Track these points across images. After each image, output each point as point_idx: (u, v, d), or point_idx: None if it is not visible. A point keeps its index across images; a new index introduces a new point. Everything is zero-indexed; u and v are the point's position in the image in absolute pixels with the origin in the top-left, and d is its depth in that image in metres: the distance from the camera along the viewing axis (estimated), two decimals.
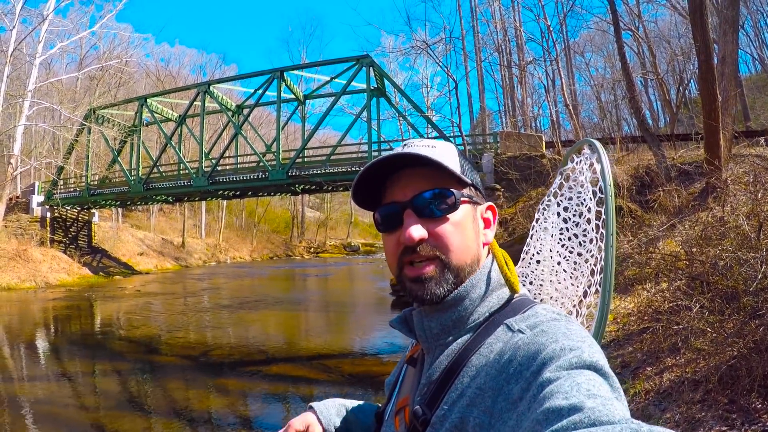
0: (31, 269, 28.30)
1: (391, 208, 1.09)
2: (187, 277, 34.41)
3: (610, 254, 1.62)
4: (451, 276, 1.04)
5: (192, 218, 55.58)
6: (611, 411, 0.67)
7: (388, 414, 1.20)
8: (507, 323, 1.00)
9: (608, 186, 1.70)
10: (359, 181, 1.10)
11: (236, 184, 29.53)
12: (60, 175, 34.65)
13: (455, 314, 1.06)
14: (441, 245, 1.04)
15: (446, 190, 1.06)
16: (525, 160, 20.51)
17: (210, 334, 14.40)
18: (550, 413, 0.71)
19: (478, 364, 0.96)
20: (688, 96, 31.89)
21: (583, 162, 1.96)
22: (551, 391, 0.75)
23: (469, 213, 1.09)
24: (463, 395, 0.94)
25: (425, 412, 1.00)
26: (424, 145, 1.10)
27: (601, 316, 1.60)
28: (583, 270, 1.81)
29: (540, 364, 0.83)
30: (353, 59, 27.26)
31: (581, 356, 0.81)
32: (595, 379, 0.77)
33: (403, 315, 1.18)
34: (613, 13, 16.24)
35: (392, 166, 1.09)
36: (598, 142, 1.84)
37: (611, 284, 1.62)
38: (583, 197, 1.89)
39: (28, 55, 31.03)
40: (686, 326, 5.28)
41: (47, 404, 8.29)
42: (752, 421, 3.91)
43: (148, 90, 49.23)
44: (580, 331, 0.92)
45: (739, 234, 6.09)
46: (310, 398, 8.87)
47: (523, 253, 2.20)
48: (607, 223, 1.67)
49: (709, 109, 10.36)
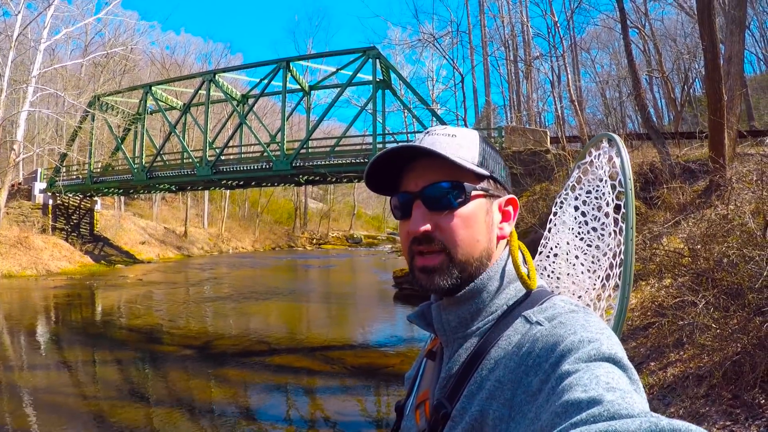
0: (33, 257, 28.29)
1: (403, 197, 1.09)
2: (189, 266, 34.45)
3: (629, 247, 1.63)
4: (455, 270, 1.04)
5: (195, 208, 55.51)
6: (630, 404, 0.67)
7: (408, 408, 1.20)
8: (525, 315, 1.00)
9: (628, 179, 1.71)
10: (372, 171, 1.11)
11: (240, 174, 29.38)
12: (63, 162, 34.53)
13: (473, 307, 1.06)
14: (447, 238, 1.04)
15: (456, 183, 1.05)
16: (529, 155, 20.41)
17: (211, 324, 14.44)
18: (569, 406, 0.71)
19: (496, 357, 0.97)
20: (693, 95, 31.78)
21: (601, 156, 1.98)
22: (570, 383, 0.75)
23: (482, 206, 1.08)
24: (482, 388, 0.95)
25: (446, 406, 1.00)
26: (445, 134, 1.09)
27: (620, 309, 1.62)
28: (602, 263, 1.83)
29: (559, 356, 0.83)
30: (360, 51, 27.13)
31: (600, 348, 0.81)
32: (614, 372, 0.77)
33: (421, 309, 1.17)
34: (621, 11, 16.17)
35: (407, 155, 1.09)
36: (617, 135, 1.86)
37: (631, 277, 1.64)
38: (602, 190, 1.90)
39: (32, 40, 30.78)
40: (691, 322, 5.31)
41: (48, 393, 8.31)
42: (756, 416, 3.94)
43: (153, 78, 49.10)
44: (598, 323, 0.92)
45: (744, 231, 6.11)
46: (312, 390, 8.93)
47: (541, 247, 2.20)
48: (627, 216, 1.68)
49: (714, 107, 10.35)
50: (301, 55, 33.71)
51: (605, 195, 1.85)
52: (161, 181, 32.13)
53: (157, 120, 44.93)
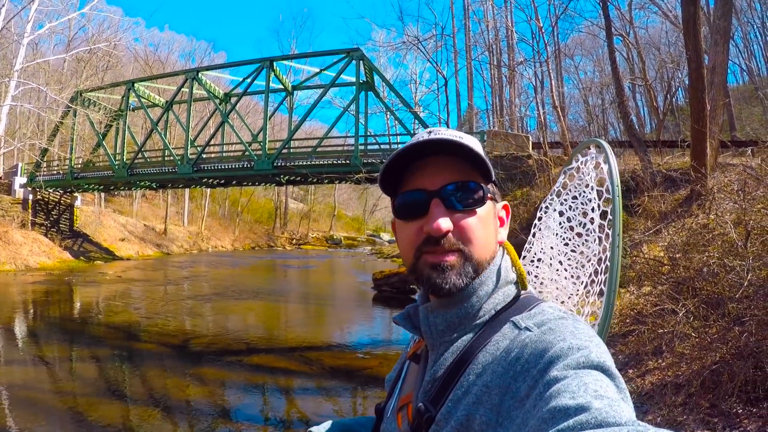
0: (12, 252, 28.00)
1: (416, 195, 1.05)
2: (169, 264, 34.27)
3: (616, 254, 1.63)
4: (471, 269, 1.02)
5: (175, 205, 55.29)
6: (618, 412, 0.67)
7: (389, 410, 1.19)
8: (514, 320, 1.00)
9: (616, 186, 1.70)
10: (392, 164, 1.07)
11: (221, 173, 29.38)
12: (44, 157, 34.12)
13: (462, 311, 1.05)
14: (465, 238, 1.02)
15: (476, 183, 1.05)
16: (511, 159, 20.52)
17: (190, 323, 14.35)
18: (556, 412, 0.71)
19: (484, 362, 0.96)
20: (675, 103, 32.12)
21: (588, 162, 1.96)
22: (558, 389, 0.75)
23: (491, 209, 1.09)
24: (468, 393, 0.94)
25: (430, 410, 0.99)
26: (452, 135, 1.05)
27: (605, 314, 1.61)
28: (586, 269, 1.82)
29: (547, 362, 0.83)
30: (343, 52, 27.22)
31: (589, 356, 0.81)
32: (603, 380, 0.76)
33: (407, 311, 1.16)
34: (606, 18, 16.33)
35: (420, 152, 1.06)
36: (605, 142, 1.84)
37: (617, 283, 1.63)
38: (589, 196, 1.89)
39: (15, 34, 30.70)
40: (671, 330, 5.33)
41: (24, 389, 8.21)
42: (733, 426, 3.96)
43: (136, 74, 48.75)
44: (587, 330, 0.92)
45: (725, 241, 6.15)
46: (289, 390, 8.91)
47: (525, 251, 2.20)
48: (614, 223, 1.67)
49: (697, 117, 10.45)
50: (284, 54, 33.90)
51: (591, 201, 1.84)
52: (142, 178, 31.97)
53: (139, 117, 44.57)
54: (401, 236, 1.10)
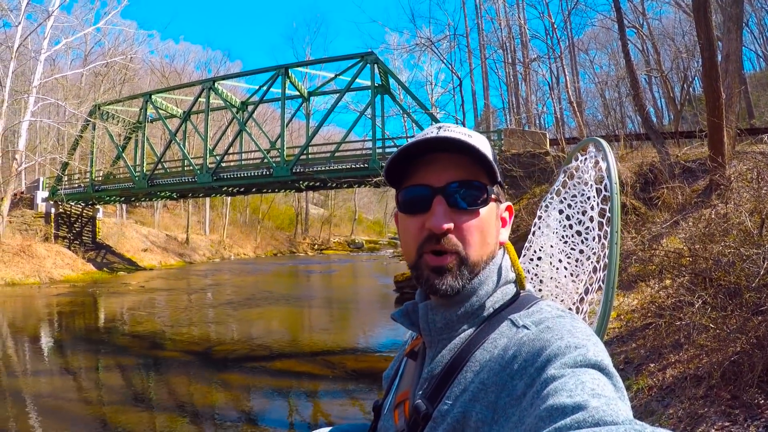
0: (36, 265, 28.20)
1: (420, 191, 1.06)
2: (191, 273, 34.44)
3: (614, 252, 1.62)
4: (467, 272, 1.03)
5: (196, 215, 55.41)
6: (615, 411, 0.68)
7: (386, 407, 1.20)
8: (511, 319, 1.00)
9: (614, 184, 1.70)
10: (398, 158, 1.07)
11: (240, 181, 29.39)
12: (64, 171, 34.58)
13: (461, 309, 1.05)
14: (464, 239, 1.03)
15: (481, 183, 1.05)
16: (529, 157, 20.35)
17: (214, 330, 14.42)
18: (553, 410, 0.71)
19: (481, 360, 0.97)
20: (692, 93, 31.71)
21: (588, 160, 1.97)
22: (555, 388, 0.75)
23: (494, 210, 1.09)
24: (465, 390, 0.95)
25: (427, 407, 0.99)
26: (462, 133, 1.06)
27: (603, 312, 1.61)
28: (585, 267, 1.82)
29: (544, 360, 0.84)
30: (358, 56, 27.18)
31: (586, 355, 0.81)
32: (600, 379, 0.77)
33: (405, 308, 1.16)
34: (618, 11, 16.17)
35: (428, 147, 1.06)
36: (603, 140, 1.84)
37: (615, 281, 1.63)
38: (588, 195, 1.89)
39: (33, 51, 31.08)
40: (689, 322, 5.29)
41: (51, 398, 8.32)
42: (755, 417, 3.92)
43: (153, 86, 49.13)
44: (585, 328, 0.92)
45: (742, 230, 6.09)
46: (313, 394, 8.91)
47: (524, 250, 2.20)
48: (612, 221, 1.67)
49: (712, 106, 10.31)
50: (299, 61, 34.03)
51: (590, 199, 1.85)
52: (162, 189, 32.22)
53: (157, 128, 44.85)
54: (403, 229, 1.10)
